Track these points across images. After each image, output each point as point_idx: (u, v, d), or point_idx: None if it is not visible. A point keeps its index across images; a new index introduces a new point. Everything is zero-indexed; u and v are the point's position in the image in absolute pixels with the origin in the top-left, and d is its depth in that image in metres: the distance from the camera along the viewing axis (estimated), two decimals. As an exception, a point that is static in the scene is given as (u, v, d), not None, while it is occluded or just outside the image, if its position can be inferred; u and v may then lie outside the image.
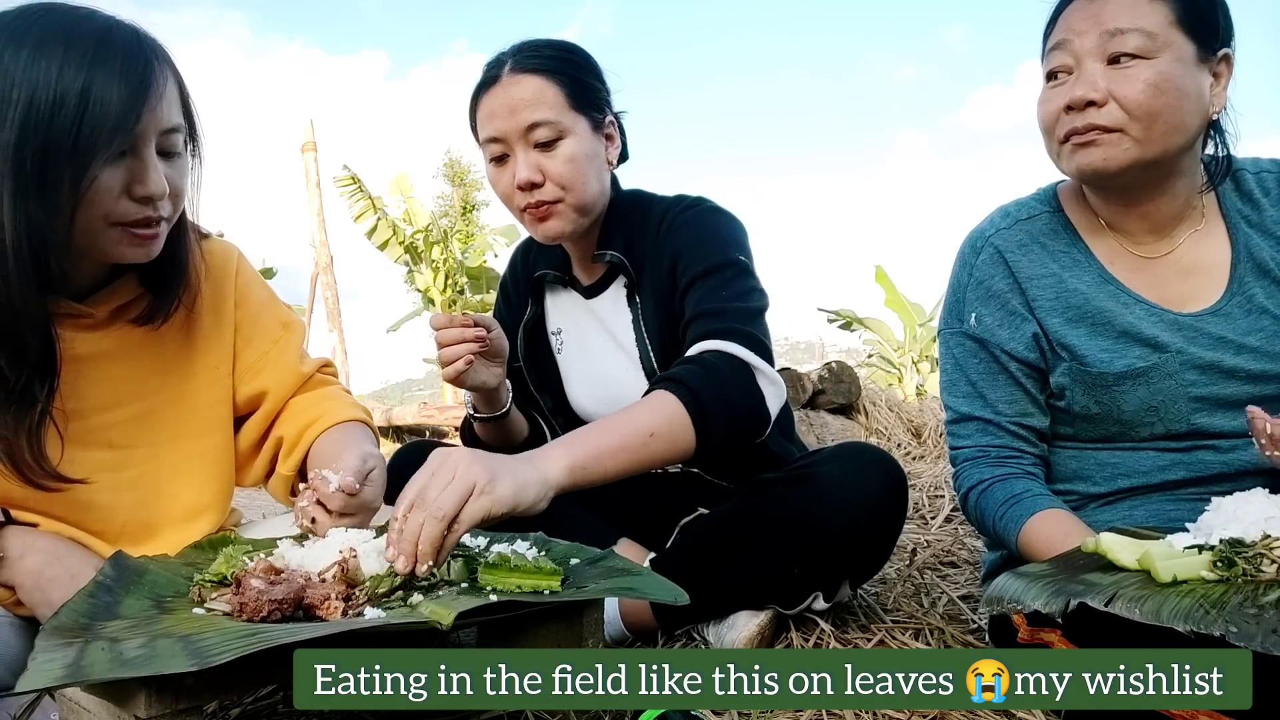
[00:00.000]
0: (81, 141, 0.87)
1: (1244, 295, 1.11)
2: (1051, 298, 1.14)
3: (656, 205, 1.38)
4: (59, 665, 0.68)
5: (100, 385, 1.05)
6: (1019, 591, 0.86)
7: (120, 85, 0.89)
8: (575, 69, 1.30)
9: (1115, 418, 1.12)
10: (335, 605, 0.81)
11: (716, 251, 1.28)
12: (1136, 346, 1.11)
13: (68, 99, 0.86)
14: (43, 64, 0.87)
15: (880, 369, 9.39)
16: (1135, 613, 0.76)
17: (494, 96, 1.28)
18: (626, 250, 1.35)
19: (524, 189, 1.26)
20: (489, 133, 1.28)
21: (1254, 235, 1.13)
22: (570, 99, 1.27)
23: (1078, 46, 1.05)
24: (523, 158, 1.26)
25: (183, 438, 1.12)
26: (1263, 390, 1.08)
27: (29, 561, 0.95)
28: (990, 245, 1.18)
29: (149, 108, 0.91)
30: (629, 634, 1.29)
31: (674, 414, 1.09)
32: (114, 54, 0.90)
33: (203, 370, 1.14)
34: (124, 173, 0.93)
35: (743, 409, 1.15)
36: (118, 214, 0.94)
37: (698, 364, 1.15)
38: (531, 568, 0.89)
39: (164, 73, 0.95)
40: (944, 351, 1.23)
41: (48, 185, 0.88)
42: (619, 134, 1.38)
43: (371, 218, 11.40)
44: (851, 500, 1.17)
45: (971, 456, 1.18)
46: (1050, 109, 1.08)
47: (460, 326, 1.24)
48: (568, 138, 1.26)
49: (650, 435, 1.06)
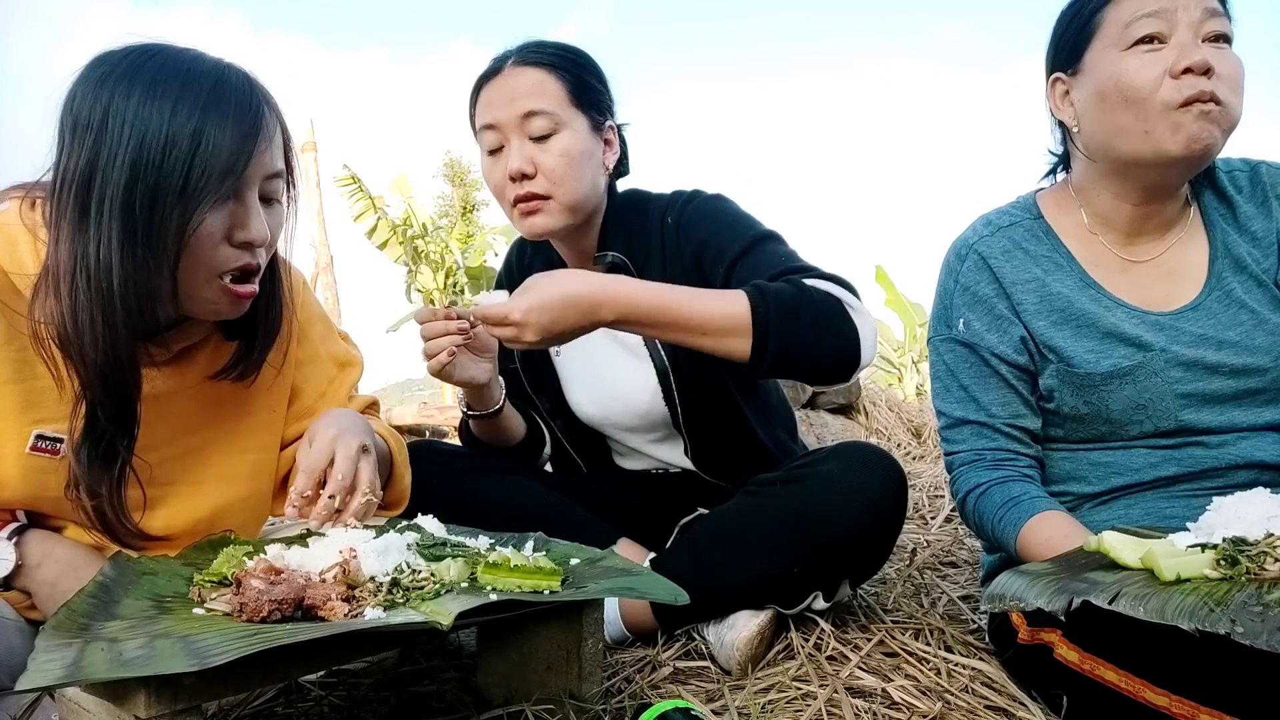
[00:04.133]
0: (191, 184, 0.86)
1: (1222, 290, 1.12)
2: (1035, 301, 1.15)
3: (655, 203, 1.38)
4: (59, 665, 0.68)
5: (155, 425, 1.01)
6: (1021, 590, 0.86)
7: (233, 129, 0.88)
8: (579, 68, 1.31)
9: (1104, 417, 1.12)
10: (336, 605, 0.81)
11: (743, 231, 1.27)
12: (1121, 346, 1.11)
13: (180, 140, 0.86)
14: (156, 105, 0.86)
15: (880, 369, 9.39)
16: (1140, 611, 0.76)
17: (494, 86, 1.28)
18: (628, 250, 1.35)
19: (515, 179, 1.26)
20: (486, 120, 1.28)
21: (1230, 232, 1.14)
22: (571, 94, 1.27)
23: (1180, 18, 1.03)
24: (517, 148, 1.26)
25: (228, 480, 1.09)
26: (1246, 384, 1.09)
27: (45, 571, 0.95)
28: (974, 252, 1.19)
29: (259, 151, 0.91)
30: (629, 634, 1.29)
31: (740, 318, 1.08)
32: (228, 98, 0.89)
33: (258, 411, 1.11)
34: (226, 217, 0.91)
35: (826, 342, 1.10)
36: (219, 261, 0.92)
37: (793, 285, 1.12)
38: (531, 568, 0.89)
39: (273, 118, 0.94)
40: (934, 359, 1.24)
41: (154, 228, 0.86)
42: (619, 142, 1.38)
43: (371, 218, 11.40)
44: (851, 499, 1.17)
45: (967, 460, 1.19)
46: (1155, 73, 1.03)
47: (443, 320, 1.24)
48: (563, 131, 1.26)
49: (703, 334, 1.09)
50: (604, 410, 1.45)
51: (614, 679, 1.14)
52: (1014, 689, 1.07)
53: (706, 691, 1.13)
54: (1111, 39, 1.07)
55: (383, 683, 1.15)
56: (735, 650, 1.17)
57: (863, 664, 1.17)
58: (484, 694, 1.08)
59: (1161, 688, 0.84)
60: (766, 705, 1.07)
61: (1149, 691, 0.85)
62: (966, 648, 1.21)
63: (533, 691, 1.01)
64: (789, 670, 1.15)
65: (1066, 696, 0.96)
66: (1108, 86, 1.06)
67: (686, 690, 1.13)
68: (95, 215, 0.85)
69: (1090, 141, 1.12)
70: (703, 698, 1.10)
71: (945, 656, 1.17)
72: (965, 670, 1.13)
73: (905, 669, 1.15)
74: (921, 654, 1.19)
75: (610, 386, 1.43)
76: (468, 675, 1.15)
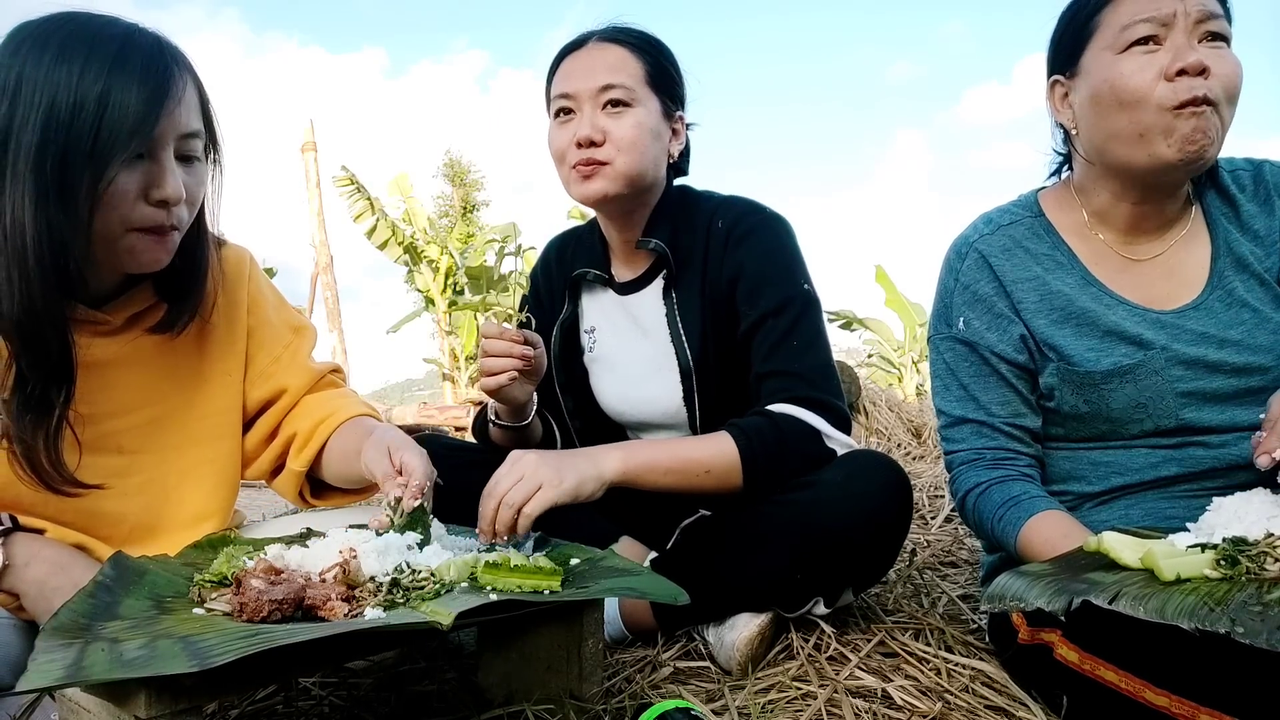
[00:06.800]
0: (100, 144, 0.89)
1: (1224, 289, 1.12)
2: (1036, 300, 1.15)
3: (705, 202, 1.39)
4: (59, 666, 0.68)
5: (113, 391, 1.06)
6: (1021, 590, 0.86)
7: (139, 89, 0.90)
8: (659, 54, 1.34)
9: (1105, 416, 1.12)
10: (336, 605, 0.81)
11: (784, 283, 1.29)
12: (1122, 345, 1.11)
13: (87, 102, 0.88)
14: (64, 69, 0.89)
15: (880, 369, 9.40)
16: (1140, 610, 0.76)
17: (576, 58, 1.32)
18: (671, 242, 1.35)
19: (582, 145, 1.28)
20: (562, 89, 1.31)
21: (1233, 231, 1.14)
22: (649, 76, 1.31)
23: (1177, 20, 1.02)
24: (590, 115, 1.28)
25: (191, 443, 1.12)
26: (1247, 383, 1.09)
27: (33, 570, 0.95)
28: (974, 250, 1.19)
29: (167, 111, 0.93)
30: (629, 634, 1.29)
31: (729, 459, 1.19)
32: (134, 59, 0.92)
33: (215, 376, 1.15)
34: (141, 176, 0.94)
35: (799, 472, 1.21)
36: (135, 218, 0.95)
37: (769, 421, 1.21)
38: (531, 568, 0.89)
39: (183, 78, 0.96)
40: (934, 357, 1.24)
41: (67, 188, 0.89)
42: (685, 135, 1.40)
43: (371, 218, 11.40)
44: (855, 507, 1.17)
45: (967, 460, 1.18)
46: (1149, 76, 1.02)
47: (510, 341, 1.25)
48: (637, 107, 1.29)
49: (706, 472, 1.19)
50: (632, 407, 1.45)
51: (614, 679, 1.14)
52: (1014, 689, 1.07)
53: (706, 691, 1.13)
54: (1108, 42, 1.06)
55: (383, 683, 1.15)
56: (735, 651, 1.17)
57: (863, 664, 1.17)
58: (484, 694, 1.08)
59: (1162, 688, 0.84)
60: (766, 705, 1.07)
61: (1149, 691, 0.85)
62: (966, 648, 1.21)
63: (533, 691, 1.01)
64: (789, 670, 1.15)
65: (1066, 696, 0.96)
66: (1103, 89, 1.06)
67: (687, 690, 1.13)
68: (10, 177, 0.89)
69: (1087, 144, 1.12)
70: (703, 698, 1.10)
71: (945, 656, 1.17)
72: (965, 670, 1.13)
73: (905, 669, 1.15)
74: (921, 654, 1.19)
75: (639, 384, 1.43)
76: (468, 675, 1.15)
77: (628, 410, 1.46)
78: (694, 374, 1.35)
